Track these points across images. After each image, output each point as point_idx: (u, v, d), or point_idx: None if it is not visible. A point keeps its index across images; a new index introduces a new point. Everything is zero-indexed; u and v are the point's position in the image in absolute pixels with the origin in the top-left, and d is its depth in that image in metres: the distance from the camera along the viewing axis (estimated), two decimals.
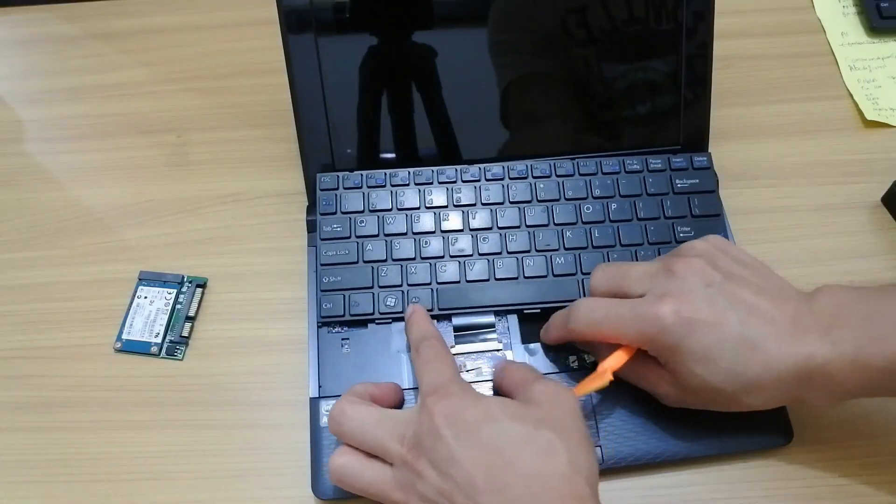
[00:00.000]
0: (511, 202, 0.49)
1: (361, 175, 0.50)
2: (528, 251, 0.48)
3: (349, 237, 0.48)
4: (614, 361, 0.41)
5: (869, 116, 0.56)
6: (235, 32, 0.64)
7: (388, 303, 0.46)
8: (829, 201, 0.53)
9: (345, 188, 0.50)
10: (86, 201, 0.55)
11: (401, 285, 0.47)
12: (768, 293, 0.40)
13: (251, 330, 0.49)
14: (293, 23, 0.48)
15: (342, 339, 0.46)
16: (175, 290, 0.50)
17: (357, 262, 0.47)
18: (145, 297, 0.50)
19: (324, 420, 0.44)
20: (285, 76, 0.49)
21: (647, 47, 0.50)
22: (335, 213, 0.49)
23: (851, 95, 0.58)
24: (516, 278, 0.47)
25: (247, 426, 0.46)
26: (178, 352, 0.49)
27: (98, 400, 0.47)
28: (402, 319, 0.46)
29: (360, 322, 0.46)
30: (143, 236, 0.53)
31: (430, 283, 0.47)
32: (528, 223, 0.49)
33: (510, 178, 0.50)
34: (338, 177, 0.50)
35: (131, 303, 0.50)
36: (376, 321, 0.46)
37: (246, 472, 0.44)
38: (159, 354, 0.48)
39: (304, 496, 0.43)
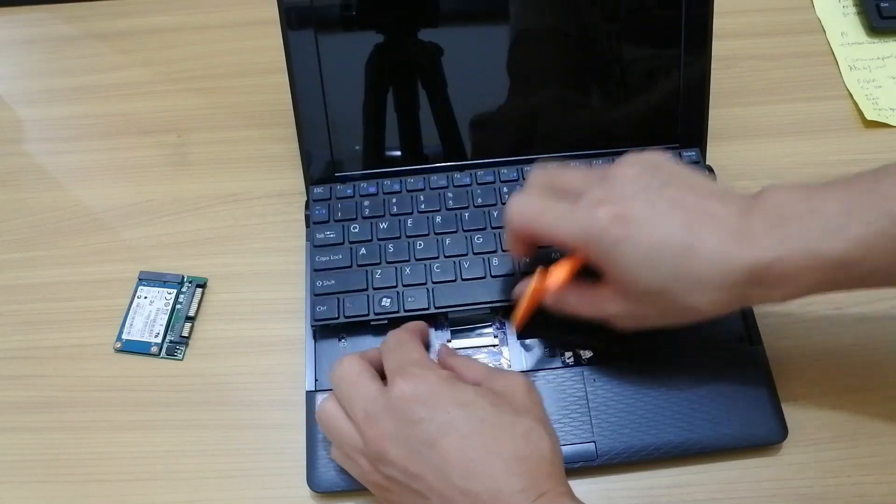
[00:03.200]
0: (503, 203, 0.49)
1: (354, 185, 0.50)
2: None
3: (342, 243, 0.48)
4: (555, 277, 0.40)
5: (869, 116, 0.56)
6: (235, 32, 0.64)
7: (383, 304, 0.46)
8: None
9: (337, 198, 0.50)
10: (86, 201, 0.56)
11: (395, 286, 0.47)
12: (710, 195, 0.39)
13: (251, 330, 0.49)
14: (293, 21, 0.48)
15: (339, 334, 0.47)
16: (175, 290, 0.50)
17: (350, 266, 0.47)
18: (145, 297, 0.50)
19: None
20: (285, 76, 0.49)
21: (645, 45, 0.50)
22: (328, 222, 0.49)
23: (851, 95, 0.58)
24: (512, 275, 0.47)
25: (246, 426, 0.46)
26: (178, 352, 0.49)
27: (98, 400, 0.47)
28: (397, 320, 0.46)
29: (356, 325, 0.46)
30: (143, 236, 0.53)
31: (424, 283, 0.47)
32: None
33: (501, 182, 0.50)
34: (330, 188, 0.50)
35: (131, 303, 0.50)
36: (371, 322, 0.46)
37: (245, 472, 0.44)
38: (159, 354, 0.48)
39: (303, 496, 0.43)
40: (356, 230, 0.49)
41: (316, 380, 0.45)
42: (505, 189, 0.50)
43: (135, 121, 0.59)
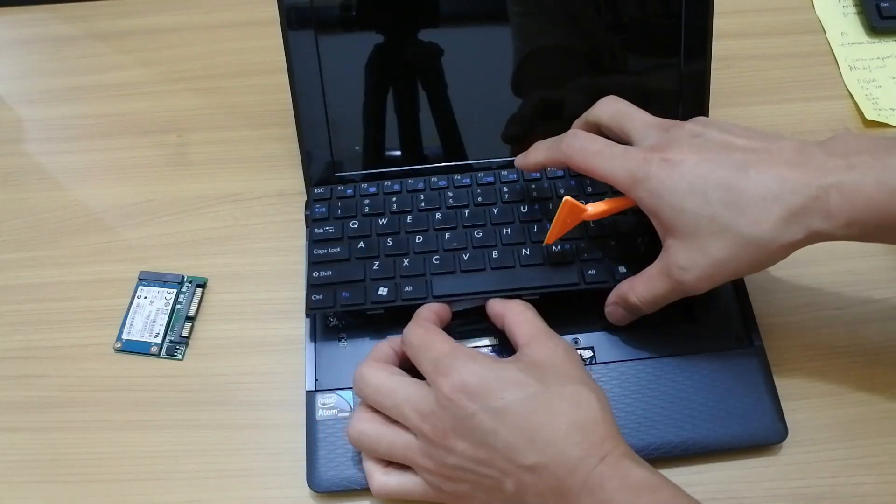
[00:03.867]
0: (504, 202, 0.49)
1: (355, 187, 0.50)
2: (524, 242, 0.47)
3: (341, 238, 0.48)
4: (596, 208, 0.43)
5: (869, 116, 0.56)
6: (235, 32, 0.64)
7: (379, 293, 0.45)
8: None
9: (338, 197, 0.50)
10: (86, 201, 0.56)
11: (393, 277, 0.46)
12: (766, 138, 0.39)
13: (251, 330, 0.49)
14: (293, 21, 0.48)
15: (339, 334, 0.47)
16: (175, 290, 0.51)
17: (348, 259, 0.47)
18: (145, 297, 0.50)
19: (319, 413, 0.44)
20: (285, 76, 0.49)
21: (645, 47, 0.50)
22: (327, 219, 0.49)
23: (851, 95, 0.58)
24: (513, 266, 0.46)
25: (246, 426, 0.46)
26: (178, 352, 0.49)
27: (98, 400, 0.47)
28: (395, 309, 0.45)
29: (352, 313, 0.46)
30: (143, 236, 0.53)
31: (423, 274, 0.46)
32: (521, 219, 0.48)
33: (501, 182, 0.50)
34: (331, 189, 0.50)
35: (131, 303, 0.50)
36: (367, 311, 0.46)
37: (245, 472, 0.44)
38: (159, 354, 0.48)
39: (303, 496, 0.43)
40: (355, 226, 0.48)
41: (316, 380, 0.45)
42: (505, 189, 0.50)
43: (135, 121, 0.59)
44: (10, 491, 0.44)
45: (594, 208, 0.44)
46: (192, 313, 0.50)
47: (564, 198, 0.42)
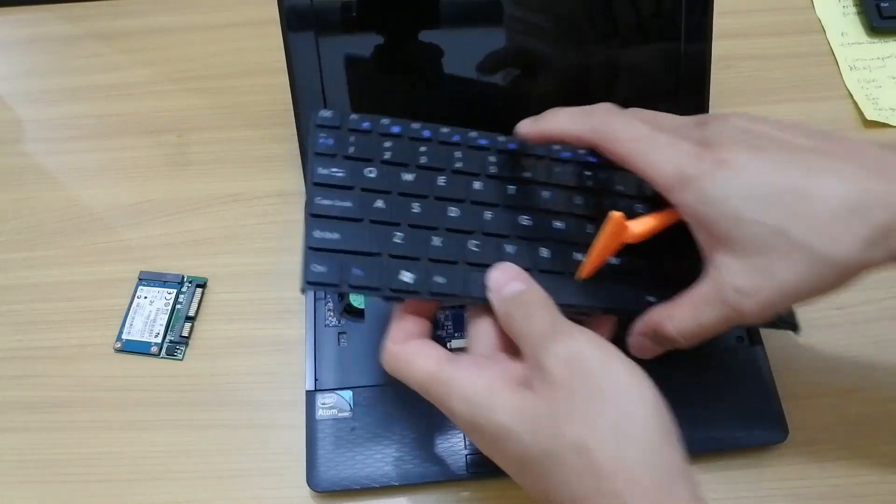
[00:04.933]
0: (556, 184, 0.41)
1: (373, 120, 0.39)
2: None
3: (352, 187, 0.37)
4: (643, 226, 0.35)
5: (869, 117, 0.56)
6: (235, 32, 0.64)
7: (402, 278, 0.35)
8: None
9: (350, 129, 0.39)
10: (86, 201, 0.56)
11: (419, 259, 0.36)
12: (827, 138, 0.33)
13: (251, 330, 0.49)
14: (293, 21, 0.48)
15: (339, 334, 0.47)
16: (175, 290, 0.50)
17: (362, 220, 0.36)
18: (145, 297, 0.50)
19: (319, 413, 0.44)
20: (285, 76, 0.49)
21: (644, 45, 0.50)
22: (335, 156, 0.38)
23: (851, 95, 0.58)
24: (562, 273, 0.37)
25: (246, 426, 0.46)
26: (178, 352, 0.49)
27: (98, 400, 0.47)
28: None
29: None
30: (143, 236, 0.53)
31: (457, 262, 0.36)
32: (577, 209, 0.40)
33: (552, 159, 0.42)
34: (341, 115, 0.39)
35: (131, 303, 0.50)
36: (386, 298, 0.35)
37: (246, 472, 0.44)
38: (159, 354, 0.48)
39: (303, 496, 0.43)
40: (372, 175, 0.37)
41: (316, 380, 0.45)
42: (559, 168, 0.41)
43: (135, 121, 0.59)
44: (10, 491, 0.44)
45: (640, 226, 0.35)
46: (192, 313, 0.50)
47: (610, 213, 0.34)
